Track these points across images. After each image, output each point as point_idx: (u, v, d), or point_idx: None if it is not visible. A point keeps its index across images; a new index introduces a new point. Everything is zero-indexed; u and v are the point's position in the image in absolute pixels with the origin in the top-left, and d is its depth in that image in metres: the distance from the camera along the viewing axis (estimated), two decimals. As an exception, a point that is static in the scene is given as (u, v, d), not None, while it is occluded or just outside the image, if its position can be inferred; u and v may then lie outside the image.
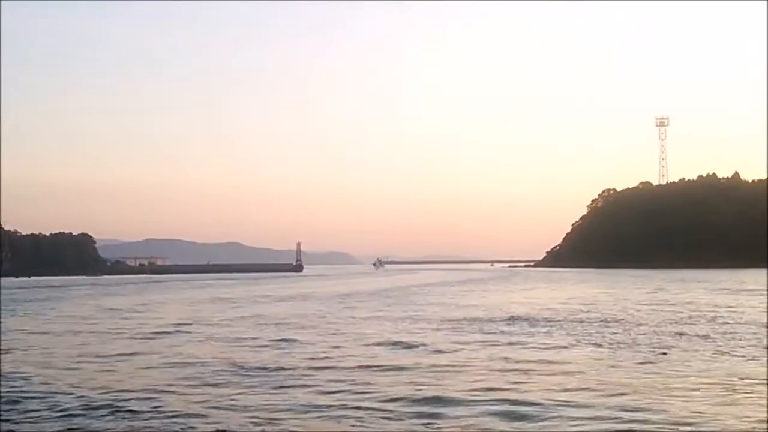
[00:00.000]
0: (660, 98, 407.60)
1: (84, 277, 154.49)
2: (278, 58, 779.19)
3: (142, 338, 26.80)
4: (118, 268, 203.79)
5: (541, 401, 13.43)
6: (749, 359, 18.73)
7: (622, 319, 31.06)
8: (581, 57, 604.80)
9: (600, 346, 22.06)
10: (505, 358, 19.35)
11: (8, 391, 15.39)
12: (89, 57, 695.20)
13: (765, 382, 15.16)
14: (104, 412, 13.30)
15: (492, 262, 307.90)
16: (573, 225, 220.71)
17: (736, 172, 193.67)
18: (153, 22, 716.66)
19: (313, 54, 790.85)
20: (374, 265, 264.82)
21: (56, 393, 15.15)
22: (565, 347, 21.85)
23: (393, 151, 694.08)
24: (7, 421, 12.88)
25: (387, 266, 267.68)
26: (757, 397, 13.80)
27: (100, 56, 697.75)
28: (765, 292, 50.28)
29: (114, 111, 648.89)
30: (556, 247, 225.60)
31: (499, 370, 17.32)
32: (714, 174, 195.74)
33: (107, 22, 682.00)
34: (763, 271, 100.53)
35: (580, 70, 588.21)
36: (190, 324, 32.39)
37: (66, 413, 13.32)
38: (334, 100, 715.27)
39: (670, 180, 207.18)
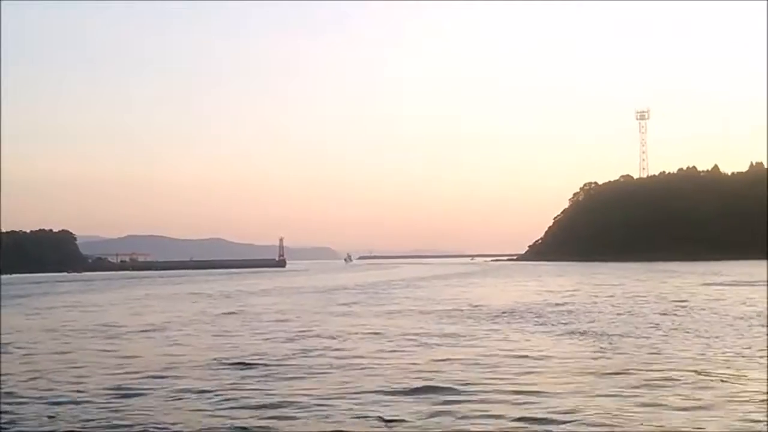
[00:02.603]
0: (639, 91, 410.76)
1: (64, 273, 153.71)
2: (260, 52, 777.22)
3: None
4: (99, 264, 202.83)
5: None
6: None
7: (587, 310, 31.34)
8: (561, 50, 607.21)
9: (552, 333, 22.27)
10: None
11: None
12: (69, 53, 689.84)
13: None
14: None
15: (472, 257, 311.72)
16: (555, 218, 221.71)
17: (716, 165, 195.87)
18: (139, 17, 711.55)
19: (296, 48, 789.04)
20: (345, 260, 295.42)
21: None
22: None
23: (377, 145, 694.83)
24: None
25: (367, 261, 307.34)
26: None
27: (81, 52, 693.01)
28: (742, 284, 50.94)
29: (95, 106, 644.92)
30: (538, 240, 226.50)
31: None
32: (694, 167, 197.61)
33: (91, 19, 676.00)
34: (744, 263, 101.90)
35: (560, 64, 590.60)
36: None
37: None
38: (317, 95, 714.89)
39: (651, 173, 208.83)
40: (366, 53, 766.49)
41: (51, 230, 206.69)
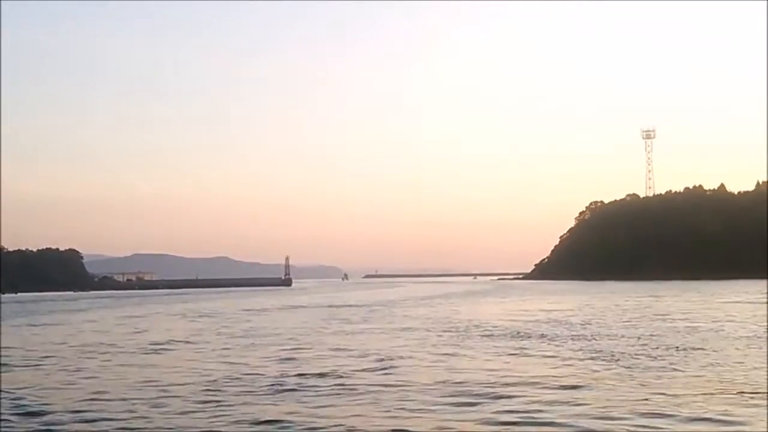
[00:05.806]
0: (646, 109, 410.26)
1: (71, 292, 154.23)
2: (263, 70, 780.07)
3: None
4: (105, 283, 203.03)
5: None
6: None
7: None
8: (567, 68, 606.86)
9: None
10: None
11: None
12: (80, 69, 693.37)
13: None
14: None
15: (475, 275, 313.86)
16: (561, 237, 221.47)
17: (722, 184, 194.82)
18: (148, 31, 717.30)
19: (299, 65, 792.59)
20: (342, 279, 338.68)
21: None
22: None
23: (385, 163, 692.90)
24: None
25: (371, 279, 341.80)
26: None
27: (90, 69, 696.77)
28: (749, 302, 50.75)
29: (101, 125, 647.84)
30: (544, 259, 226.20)
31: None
32: (700, 186, 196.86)
33: (98, 31, 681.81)
34: (750, 283, 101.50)
35: (566, 82, 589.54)
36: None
37: None
38: (324, 113, 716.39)
39: (657, 192, 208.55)
40: (376, 71, 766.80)
41: (57, 249, 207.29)
